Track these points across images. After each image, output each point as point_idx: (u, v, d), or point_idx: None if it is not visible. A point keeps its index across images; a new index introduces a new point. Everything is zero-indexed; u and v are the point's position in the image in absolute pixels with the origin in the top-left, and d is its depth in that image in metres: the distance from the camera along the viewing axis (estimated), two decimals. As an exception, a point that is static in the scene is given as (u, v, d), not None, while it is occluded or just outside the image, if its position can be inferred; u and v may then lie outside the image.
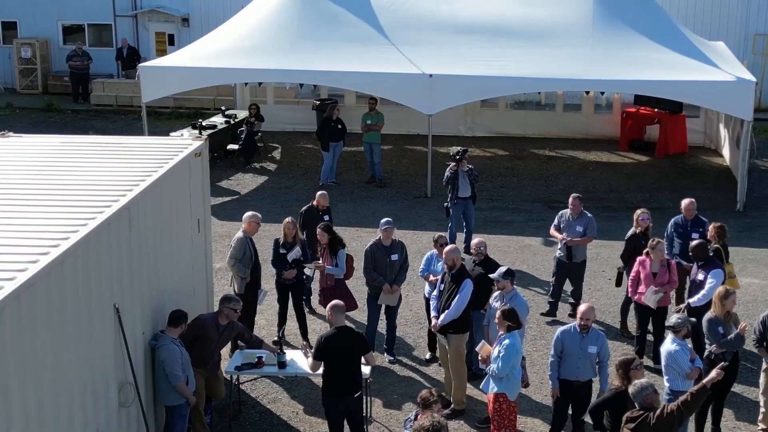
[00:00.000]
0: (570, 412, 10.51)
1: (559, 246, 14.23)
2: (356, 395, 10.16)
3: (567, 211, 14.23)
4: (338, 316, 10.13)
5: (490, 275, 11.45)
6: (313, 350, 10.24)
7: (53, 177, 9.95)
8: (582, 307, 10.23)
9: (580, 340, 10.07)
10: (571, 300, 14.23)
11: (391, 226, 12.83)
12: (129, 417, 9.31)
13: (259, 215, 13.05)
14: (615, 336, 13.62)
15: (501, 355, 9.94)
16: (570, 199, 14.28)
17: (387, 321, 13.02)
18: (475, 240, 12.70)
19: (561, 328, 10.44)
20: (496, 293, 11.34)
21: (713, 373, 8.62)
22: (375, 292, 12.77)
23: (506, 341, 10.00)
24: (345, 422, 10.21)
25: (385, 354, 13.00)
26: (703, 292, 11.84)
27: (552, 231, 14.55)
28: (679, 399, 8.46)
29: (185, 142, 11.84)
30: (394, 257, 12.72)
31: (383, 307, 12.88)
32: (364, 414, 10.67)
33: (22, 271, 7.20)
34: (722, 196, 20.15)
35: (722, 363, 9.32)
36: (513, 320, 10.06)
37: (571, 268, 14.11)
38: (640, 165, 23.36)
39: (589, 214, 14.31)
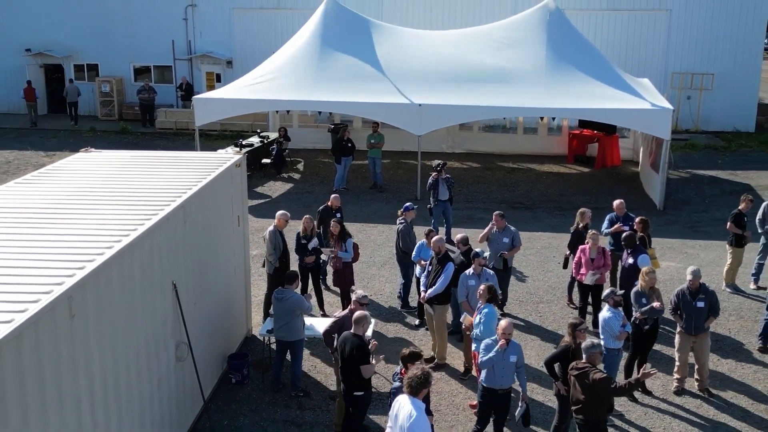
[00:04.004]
0: (493, 418, 9.22)
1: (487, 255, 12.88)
2: (356, 393, 8.89)
3: (494, 228, 12.94)
4: (358, 326, 8.91)
5: (476, 250, 11.21)
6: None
7: (124, 182, 9.92)
8: (503, 323, 8.94)
9: (502, 352, 8.86)
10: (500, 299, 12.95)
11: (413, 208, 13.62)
12: (183, 369, 9.34)
13: (288, 213, 12.92)
14: (562, 307, 13.63)
15: (482, 321, 9.87)
16: (493, 217, 13.05)
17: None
18: (459, 235, 12.22)
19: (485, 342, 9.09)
20: (470, 271, 11.08)
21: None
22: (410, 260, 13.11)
23: (485, 310, 9.93)
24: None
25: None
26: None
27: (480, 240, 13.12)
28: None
29: (228, 155, 11.79)
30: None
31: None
32: (360, 413, 9.08)
33: (100, 254, 7.22)
34: (647, 199, 20.13)
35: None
36: (492, 294, 10.00)
37: (501, 275, 12.52)
38: (583, 175, 23.34)
39: (512, 227, 13.11)
